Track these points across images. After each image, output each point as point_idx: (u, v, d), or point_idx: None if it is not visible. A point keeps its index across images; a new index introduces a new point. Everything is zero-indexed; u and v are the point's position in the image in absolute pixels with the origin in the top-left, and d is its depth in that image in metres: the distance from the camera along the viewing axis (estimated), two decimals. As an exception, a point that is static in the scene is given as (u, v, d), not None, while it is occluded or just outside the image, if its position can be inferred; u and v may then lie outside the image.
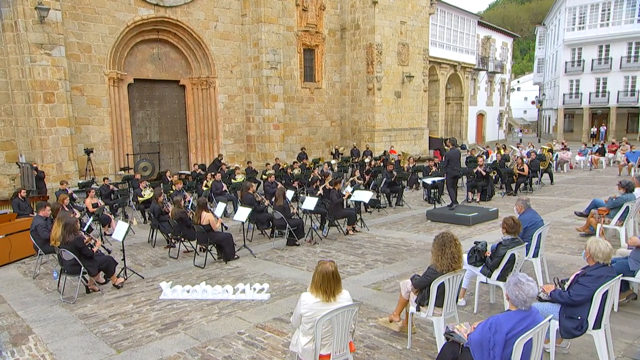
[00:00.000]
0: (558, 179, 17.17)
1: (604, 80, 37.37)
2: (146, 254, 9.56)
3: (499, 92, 40.87)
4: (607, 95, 37.05)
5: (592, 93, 37.95)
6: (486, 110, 38.87)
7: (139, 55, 18.58)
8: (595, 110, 38.97)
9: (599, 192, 14.23)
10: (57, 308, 6.65)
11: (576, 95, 38.96)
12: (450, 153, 11.06)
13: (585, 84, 38.18)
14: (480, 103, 37.72)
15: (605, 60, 37.05)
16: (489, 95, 39.24)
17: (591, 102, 38.13)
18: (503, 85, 41.53)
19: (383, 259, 8.30)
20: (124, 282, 7.50)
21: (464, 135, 34.01)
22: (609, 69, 36.80)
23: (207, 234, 8.29)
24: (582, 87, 38.47)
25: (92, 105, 16.92)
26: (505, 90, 41.92)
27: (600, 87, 37.58)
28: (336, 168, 17.67)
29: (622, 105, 36.81)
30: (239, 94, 21.04)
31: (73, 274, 7.01)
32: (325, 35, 24.01)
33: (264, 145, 21.13)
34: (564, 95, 39.47)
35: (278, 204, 9.40)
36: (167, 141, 20.06)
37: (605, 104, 37.43)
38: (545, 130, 48.37)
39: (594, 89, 37.95)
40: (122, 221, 7.81)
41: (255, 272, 7.90)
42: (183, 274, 8.02)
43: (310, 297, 3.90)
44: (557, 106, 40.61)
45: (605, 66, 36.99)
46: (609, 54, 36.77)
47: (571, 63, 38.86)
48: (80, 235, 7.01)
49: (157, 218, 10.00)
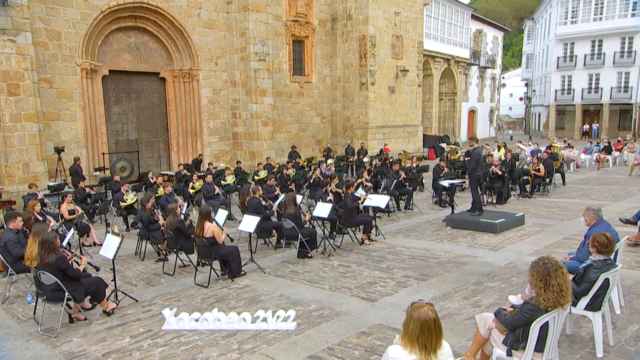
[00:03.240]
0: (568, 179, 16.71)
1: (596, 76, 37.57)
2: (135, 270, 8.54)
3: (490, 88, 40.72)
4: (600, 91, 37.26)
5: (585, 89, 38.13)
6: (477, 107, 38.63)
7: (114, 45, 17.36)
8: (587, 107, 39.18)
9: (619, 194, 13.79)
10: (35, 344, 5.61)
11: (568, 92, 39.10)
12: (476, 152, 10.34)
13: (578, 79, 38.33)
14: (471, 99, 37.44)
15: (598, 55, 37.24)
16: (480, 91, 39.02)
17: (584, 98, 38.31)
18: (494, 81, 41.40)
19: (414, 274, 7.50)
20: (116, 307, 6.50)
21: (457, 132, 33.62)
22: (601, 64, 37.00)
23: (211, 247, 7.33)
24: (574, 83, 38.61)
25: (63, 98, 15.67)
26: (495, 86, 41.81)
27: (593, 83, 37.78)
28: (333, 168, 16.82)
29: (614, 102, 37.07)
30: (224, 88, 20.00)
31: (54, 301, 5.97)
32: (315, 25, 23.13)
33: (252, 143, 20.15)
34: (556, 91, 39.54)
35: (289, 212, 8.49)
36: (146, 139, 18.88)
37: (597, 100, 37.64)
38: (534, 127, 48.59)
39: (587, 85, 38.13)
40: (113, 234, 6.78)
41: (269, 293, 6.99)
42: (184, 296, 7.06)
43: (403, 353, 3.04)
44: (549, 102, 40.70)
45: (598, 61, 37.17)
46: (602, 49, 36.97)
47: (563, 58, 38.96)
48: (62, 253, 5.98)
49: (146, 227, 8.98)
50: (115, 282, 6.74)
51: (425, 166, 16.04)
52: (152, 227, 8.98)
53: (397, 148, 24.46)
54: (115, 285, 6.74)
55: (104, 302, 6.38)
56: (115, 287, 6.71)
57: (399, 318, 5.75)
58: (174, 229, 7.94)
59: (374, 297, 6.61)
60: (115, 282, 6.74)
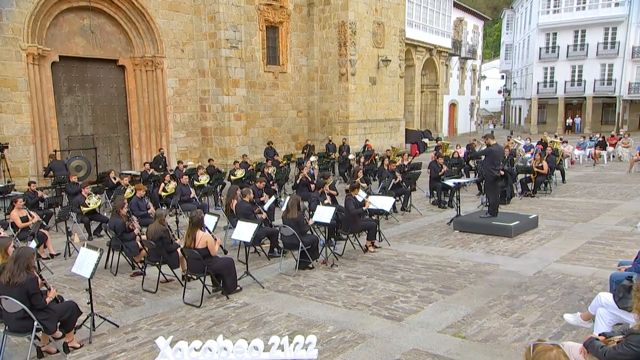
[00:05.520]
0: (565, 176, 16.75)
1: (579, 68, 38.46)
2: (108, 287, 7.79)
3: (471, 80, 41.12)
4: (583, 84, 38.14)
5: (568, 82, 38.97)
6: (458, 100, 38.92)
7: (65, 27, 16.30)
8: (570, 100, 40.09)
9: (627, 192, 13.87)
10: (-1, 386, 4.89)
11: (551, 84, 39.87)
12: (495, 149, 10.01)
13: (560, 71, 39.13)
14: (452, 92, 37.67)
15: (581, 46, 38.12)
16: (461, 83, 39.32)
17: (566, 91, 39.15)
18: (474, 73, 41.84)
19: (435, 286, 7.09)
20: (80, 347, 5.68)
21: (439, 127, 33.70)
22: (585, 55, 37.89)
23: (204, 260, 6.70)
24: (557, 75, 39.40)
25: (5, 88, 14.61)
26: (476, 77, 42.27)
27: (576, 75, 38.65)
28: (316, 166, 16.29)
29: (598, 95, 38.04)
30: (192, 78, 19.19)
31: (21, 332, 5.24)
32: (290, 10, 22.55)
33: (223, 139, 19.42)
34: (538, 84, 40.27)
35: (291, 216, 7.93)
36: (104, 134, 17.87)
37: (581, 93, 38.55)
38: (515, 121, 49.46)
39: (569, 77, 38.99)
40: (89, 248, 6.04)
41: (274, 312, 6.43)
42: (174, 318, 6.40)
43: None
44: (531, 96, 41.42)
45: (581, 53, 38.05)
46: (585, 39, 37.86)
47: (545, 49, 39.70)
48: (34, 275, 5.25)
49: (119, 237, 8.23)
50: (92, 305, 6.02)
51: (418, 163, 15.79)
52: (127, 237, 8.24)
53: (379, 144, 24.20)
54: (92, 309, 6.02)
55: (70, 334, 5.62)
56: (92, 311, 5.99)
57: (435, 342, 5.35)
58: (157, 239, 7.25)
59: (398, 315, 6.15)
60: (92, 305, 6.02)
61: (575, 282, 6.96)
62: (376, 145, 23.16)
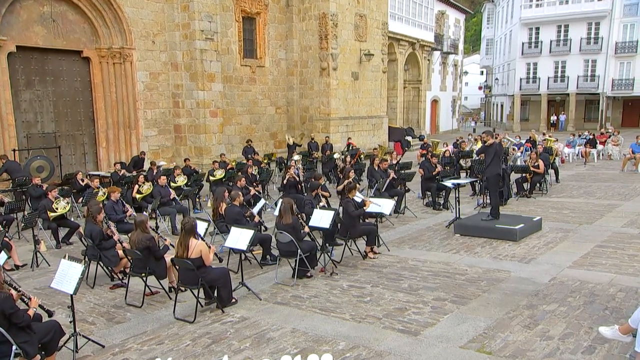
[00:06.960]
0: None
1: (562, 63, 39.21)
2: (87, 302, 7.36)
3: (452, 76, 41.45)
4: (566, 80, 38.89)
5: (551, 78, 39.68)
6: (440, 96, 39.18)
7: (23, 14, 15.61)
8: (553, 96, 40.83)
9: (624, 192, 14.06)
10: (-27, 421, 4.47)
11: (533, 80, 40.53)
12: (497, 147, 9.94)
13: (543, 67, 39.82)
14: (434, 87, 37.89)
15: (564, 42, 38.87)
16: (443, 78, 39.60)
17: (549, 87, 39.86)
18: (456, 68, 42.20)
19: (447, 296, 6.91)
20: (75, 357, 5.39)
21: (422, 124, 33.82)
22: (567, 51, 38.65)
23: (197, 271, 6.36)
24: (539, 71, 40.08)
25: (-43, 81, 13.87)
26: (458, 73, 42.64)
27: (559, 71, 39.39)
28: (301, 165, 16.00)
29: (581, 92, 38.84)
30: (164, 71, 18.67)
31: (-3, 358, 4.83)
32: (268, 0, 22.19)
33: (198, 137, 18.98)
34: (521, 79, 40.87)
35: (285, 222, 7.64)
36: (67, 132, 17.20)
37: (564, 89, 39.30)
38: (496, 118, 50.14)
39: (552, 73, 39.71)
40: (70, 259, 5.64)
41: (277, 327, 6.14)
42: (166, 336, 6.05)
43: None
44: (513, 92, 42.03)
45: (564, 48, 38.81)
46: (568, 34, 38.61)
47: (528, 44, 40.34)
48: (7, 293, 4.84)
49: (97, 245, 7.80)
50: (74, 325, 5.62)
51: (408, 163, 15.67)
52: (105, 245, 7.81)
53: (362, 142, 24.09)
54: (75, 328, 5.62)
55: (53, 357, 5.24)
56: (74, 331, 5.60)
57: (459, 359, 5.14)
58: (143, 248, 6.87)
59: (413, 328, 5.94)
60: (74, 324, 5.62)
61: (594, 289, 6.88)
62: (358, 143, 23.03)
